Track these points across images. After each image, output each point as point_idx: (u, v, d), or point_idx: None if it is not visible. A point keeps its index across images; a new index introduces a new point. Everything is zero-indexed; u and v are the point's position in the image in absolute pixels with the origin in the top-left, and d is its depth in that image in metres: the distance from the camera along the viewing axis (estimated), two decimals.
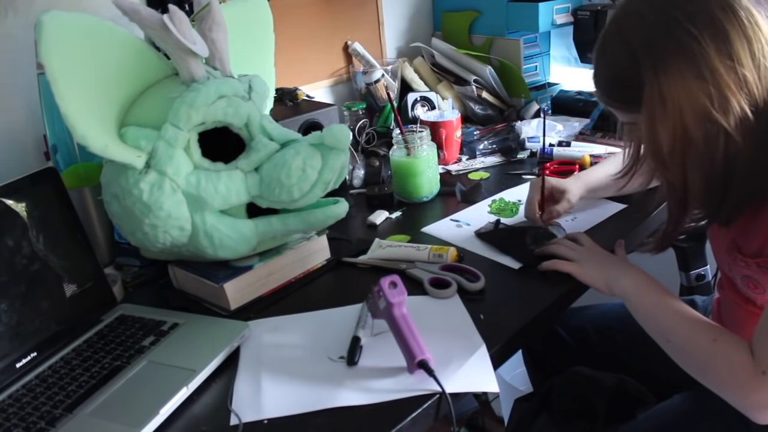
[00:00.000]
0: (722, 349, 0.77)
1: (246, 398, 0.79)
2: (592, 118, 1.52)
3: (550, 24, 1.61)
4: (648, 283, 0.89)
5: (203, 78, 0.93)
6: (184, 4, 1.22)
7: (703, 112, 0.72)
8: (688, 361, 0.82)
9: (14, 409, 0.79)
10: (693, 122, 0.73)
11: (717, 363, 0.77)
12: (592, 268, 0.96)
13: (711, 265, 1.46)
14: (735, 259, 0.84)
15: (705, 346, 0.78)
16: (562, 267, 0.97)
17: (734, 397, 0.76)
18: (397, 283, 0.82)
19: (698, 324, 0.81)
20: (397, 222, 1.24)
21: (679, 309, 0.84)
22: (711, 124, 0.72)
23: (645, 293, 0.88)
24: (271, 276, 1.01)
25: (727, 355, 0.76)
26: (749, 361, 0.73)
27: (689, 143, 0.74)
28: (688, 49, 0.72)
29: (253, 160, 0.94)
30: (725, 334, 0.78)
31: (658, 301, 0.86)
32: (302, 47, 1.62)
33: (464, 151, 1.51)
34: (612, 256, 0.99)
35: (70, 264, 0.93)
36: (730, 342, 0.77)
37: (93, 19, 0.87)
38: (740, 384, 0.75)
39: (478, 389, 0.78)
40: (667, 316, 0.84)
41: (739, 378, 0.74)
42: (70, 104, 0.83)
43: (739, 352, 0.75)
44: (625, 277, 0.91)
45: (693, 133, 0.73)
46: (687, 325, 0.82)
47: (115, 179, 0.91)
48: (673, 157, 0.76)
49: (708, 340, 0.78)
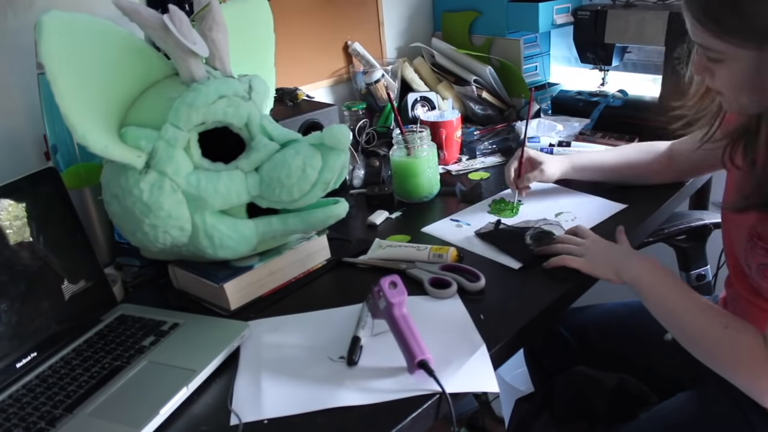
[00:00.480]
0: (733, 335, 0.78)
1: (246, 398, 0.79)
2: (592, 118, 1.52)
3: (550, 24, 1.61)
4: (657, 269, 0.90)
5: (203, 78, 0.93)
6: (184, 4, 1.22)
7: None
8: (699, 346, 0.83)
9: (14, 409, 0.79)
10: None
11: (728, 349, 0.79)
12: (599, 260, 0.96)
13: (711, 265, 1.46)
14: (754, 247, 0.84)
15: (716, 332, 0.80)
16: (570, 263, 0.98)
17: (744, 382, 0.78)
18: (397, 283, 0.82)
19: (709, 310, 0.82)
20: (397, 222, 1.24)
21: (689, 296, 0.85)
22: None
23: (656, 280, 0.89)
24: (271, 276, 1.01)
25: (737, 340, 0.78)
26: (760, 347, 0.75)
27: None
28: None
29: (253, 160, 0.94)
30: (736, 321, 0.79)
31: (669, 288, 0.87)
32: (302, 47, 1.62)
33: (464, 151, 1.51)
34: (616, 245, 0.99)
35: (70, 264, 0.93)
36: (740, 328, 0.78)
37: (93, 19, 0.87)
38: (750, 370, 0.76)
39: (478, 389, 0.78)
40: (678, 302, 0.85)
41: (750, 363, 0.76)
42: (70, 104, 0.83)
43: (749, 338, 0.77)
44: (634, 265, 0.91)
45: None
46: (698, 311, 0.83)
47: (115, 179, 0.91)
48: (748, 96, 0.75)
49: (719, 326, 0.80)
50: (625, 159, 1.22)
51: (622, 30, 1.48)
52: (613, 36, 1.50)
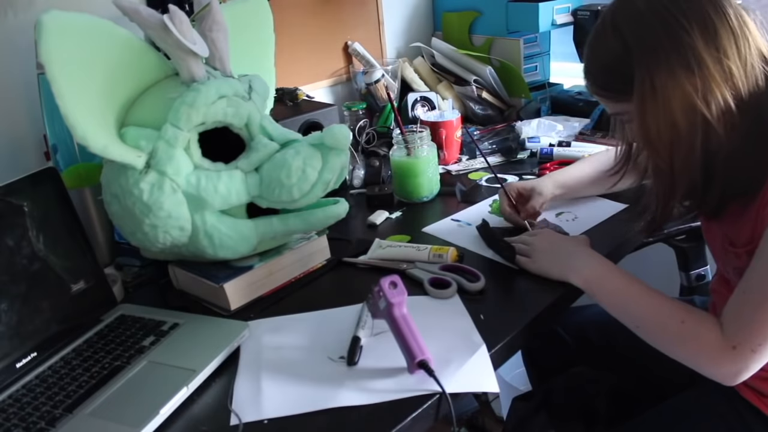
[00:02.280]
0: (690, 329, 0.80)
1: (246, 398, 0.79)
2: (592, 118, 1.52)
3: (550, 24, 1.61)
4: (608, 270, 0.90)
5: (203, 78, 0.93)
6: (184, 4, 1.22)
7: (689, 103, 0.75)
8: (659, 342, 0.84)
9: (14, 409, 0.79)
10: (680, 112, 0.76)
11: (688, 343, 0.81)
12: (544, 259, 0.97)
13: (711, 265, 1.46)
14: (727, 253, 0.86)
15: (674, 328, 0.82)
16: (519, 262, 0.99)
17: (708, 371, 0.80)
18: (397, 283, 0.82)
19: (665, 307, 0.84)
20: (397, 222, 1.24)
21: (642, 293, 0.86)
22: (695, 114, 0.75)
23: (605, 282, 0.90)
24: (271, 276, 1.01)
25: (696, 335, 0.80)
26: (718, 338, 0.77)
27: (676, 132, 0.77)
28: (679, 41, 0.75)
29: (253, 160, 0.94)
30: (692, 314, 0.81)
31: (620, 288, 0.88)
32: (302, 47, 1.62)
33: (464, 151, 1.51)
34: (569, 244, 0.98)
35: (70, 264, 0.93)
36: (697, 321, 0.80)
37: (93, 19, 0.87)
38: (712, 360, 0.79)
39: (478, 389, 0.78)
40: (632, 302, 0.87)
41: (710, 355, 0.79)
42: (70, 104, 0.83)
43: (707, 331, 0.79)
44: (582, 268, 0.92)
45: (679, 123, 0.76)
46: (653, 309, 0.84)
47: (115, 179, 0.91)
48: (661, 142, 0.79)
49: (676, 322, 0.82)
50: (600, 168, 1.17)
51: None
52: None
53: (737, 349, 0.76)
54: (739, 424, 0.88)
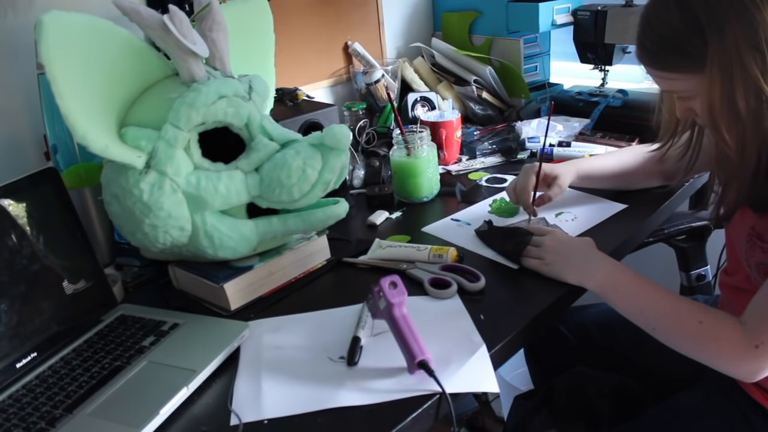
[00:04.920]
0: (709, 329, 0.80)
1: (246, 398, 0.79)
2: (592, 118, 1.52)
3: (550, 24, 1.61)
4: (621, 274, 0.90)
5: (203, 78, 0.93)
6: (184, 4, 1.22)
7: (755, 84, 0.73)
8: (678, 344, 0.84)
9: (14, 410, 0.79)
10: (742, 93, 0.74)
11: (706, 343, 0.80)
12: (558, 263, 0.95)
13: (711, 265, 1.46)
14: (753, 246, 0.84)
15: (692, 329, 0.81)
16: (529, 264, 0.98)
17: (727, 369, 0.80)
18: (397, 284, 0.82)
19: (682, 307, 0.83)
20: (397, 222, 1.24)
21: (659, 295, 0.85)
22: (758, 97, 0.74)
23: (620, 285, 0.89)
24: (271, 276, 1.01)
25: (715, 335, 0.79)
26: (739, 336, 0.77)
27: (737, 114, 0.75)
28: (750, 18, 0.73)
29: (253, 161, 0.94)
30: (710, 314, 0.81)
31: (636, 291, 0.87)
32: (302, 47, 1.62)
33: (464, 151, 1.51)
34: (580, 247, 0.97)
35: (70, 264, 0.93)
36: (716, 321, 0.80)
37: (93, 19, 0.87)
38: (733, 358, 0.78)
39: (479, 389, 0.78)
40: (648, 305, 0.86)
41: (731, 353, 0.78)
42: (70, 104, 0.83)
43: (726, 330, 0.78)
44: (596, 272, 0.91)
45: (740, 104, 0.75)
46: (670, 310, 0.84)
47: (116, 179, 0.91)
48: (725, 121, 0.77)
49: (694, 322, 0.81)
50: (623, 164, 1.19)
51: (622, 30, 1.48)
52: (613, 36, 1.50)
53: (760, 348, 0.75)
54: (742, 422, 0.88)
